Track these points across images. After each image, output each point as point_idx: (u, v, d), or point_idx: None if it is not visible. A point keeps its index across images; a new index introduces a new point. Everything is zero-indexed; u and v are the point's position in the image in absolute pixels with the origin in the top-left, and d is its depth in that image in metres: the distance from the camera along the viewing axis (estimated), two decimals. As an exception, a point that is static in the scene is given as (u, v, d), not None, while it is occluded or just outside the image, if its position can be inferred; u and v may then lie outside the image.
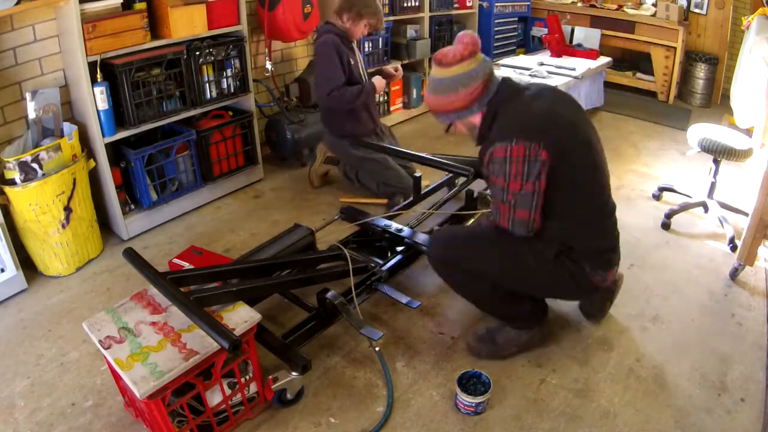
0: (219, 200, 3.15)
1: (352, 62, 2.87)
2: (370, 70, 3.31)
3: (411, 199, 2.76)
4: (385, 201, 3.01)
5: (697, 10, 4.97)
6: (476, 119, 1.67)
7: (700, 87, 4.97)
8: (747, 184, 3.16)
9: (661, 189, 3.14)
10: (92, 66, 2.39)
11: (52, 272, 2.43)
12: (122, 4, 2.45)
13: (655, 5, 4.94)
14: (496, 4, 4.99)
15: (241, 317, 1.60)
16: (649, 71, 5.10)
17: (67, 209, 2.36)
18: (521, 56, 4.72)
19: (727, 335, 2.06)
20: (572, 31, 5.01)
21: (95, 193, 2.59)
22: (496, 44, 5.12)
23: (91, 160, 2.52)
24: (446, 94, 1.63)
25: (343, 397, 1.78)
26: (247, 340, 1.61)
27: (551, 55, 4.53)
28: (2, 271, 2.25)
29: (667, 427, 1.68)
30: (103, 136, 2.50)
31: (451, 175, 2.86)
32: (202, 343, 1.49)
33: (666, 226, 2.82)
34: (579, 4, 5.30)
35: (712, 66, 4.89)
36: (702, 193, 2.89)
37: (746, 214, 2.49)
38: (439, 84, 1.65)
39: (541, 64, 4.24)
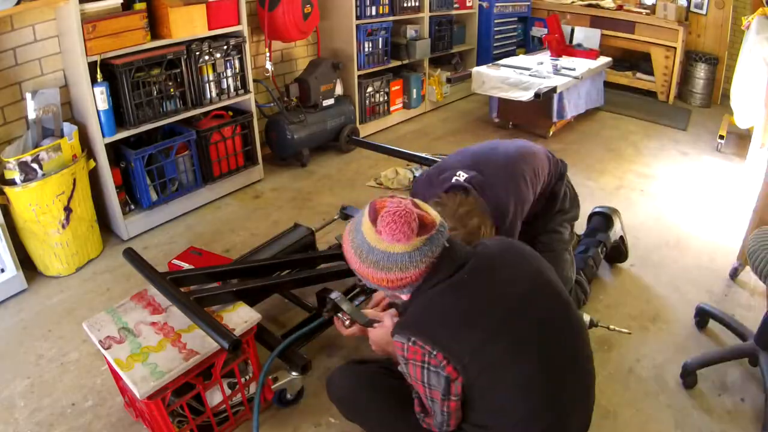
0: (219, 200, 3.14)
1: None
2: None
3: None
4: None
5: (697, 10, 4.97)
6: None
7: (700, 87, 4.97)
8: (747, 183, 3.16)
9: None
10: (92, 66, 2.39)
11: (52, 272, 2.43)
12: (122, 4, 2.45)
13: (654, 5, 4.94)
14: (496, 4, 4.99)
15: (241, 317, 1.60)
16: (649, 71, 5.10)
17: (67, 209, 2.36)
18: (521, 56, 4.72)
19: (728, 335, 2.06)
20: (572, 31, 5.01)
21: (95, 193, 2.59)
22: (496, 44, 5.12)
23: (91, 160, 2.52)
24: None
25: (343, 397, 1.78)
26: (247, 340, 1.61)
27: (551, 55, 4.53)
28: (2, 271, 2.25)
29: (667, 427, 1.68)
30: (103, 136, 2.50)
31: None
32: (202, 343, 1.49)
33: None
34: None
35: (712, 66, 4.89)
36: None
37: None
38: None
39: (540, 63, 4.24)
